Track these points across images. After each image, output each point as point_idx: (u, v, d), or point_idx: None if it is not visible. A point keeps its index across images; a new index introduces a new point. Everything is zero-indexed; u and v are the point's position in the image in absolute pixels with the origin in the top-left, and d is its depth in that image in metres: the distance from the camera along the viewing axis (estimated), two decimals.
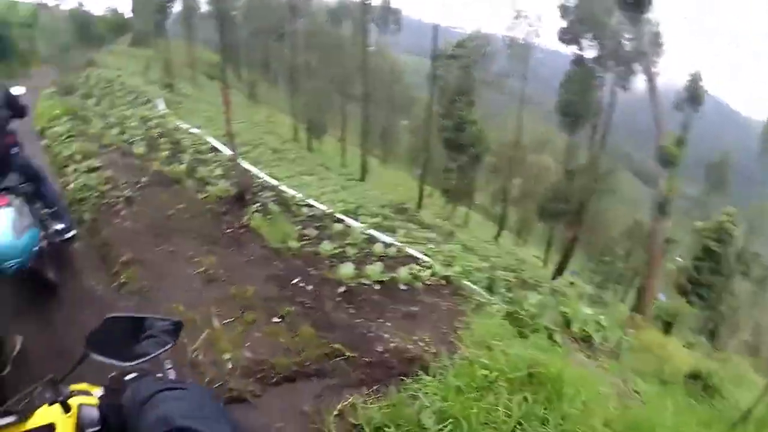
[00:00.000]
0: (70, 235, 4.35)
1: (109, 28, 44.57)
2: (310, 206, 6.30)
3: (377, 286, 4.18)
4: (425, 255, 5.48)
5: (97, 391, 1.18)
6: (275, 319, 3.59)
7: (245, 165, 8.67)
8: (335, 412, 2.79)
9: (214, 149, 8.88)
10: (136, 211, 5.22)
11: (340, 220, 5.94)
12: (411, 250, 5.41)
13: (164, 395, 0.94)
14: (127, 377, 1.13)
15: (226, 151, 8.54)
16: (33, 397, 1.18)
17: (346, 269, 4.24)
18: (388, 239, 5.77)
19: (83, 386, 1.23)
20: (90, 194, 5.55)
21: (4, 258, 2.87)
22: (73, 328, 3.60)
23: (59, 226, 4.17)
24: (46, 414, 1.09)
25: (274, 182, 7.67)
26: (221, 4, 35.71)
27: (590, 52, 28.87)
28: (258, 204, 5.53)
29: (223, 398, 2.93)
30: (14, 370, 3.15)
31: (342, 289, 4.03)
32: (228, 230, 4.88)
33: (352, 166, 32.04)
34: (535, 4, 47.01)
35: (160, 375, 1.29)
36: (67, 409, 1.08)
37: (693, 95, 28.19)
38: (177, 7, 40.46)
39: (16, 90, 4.00)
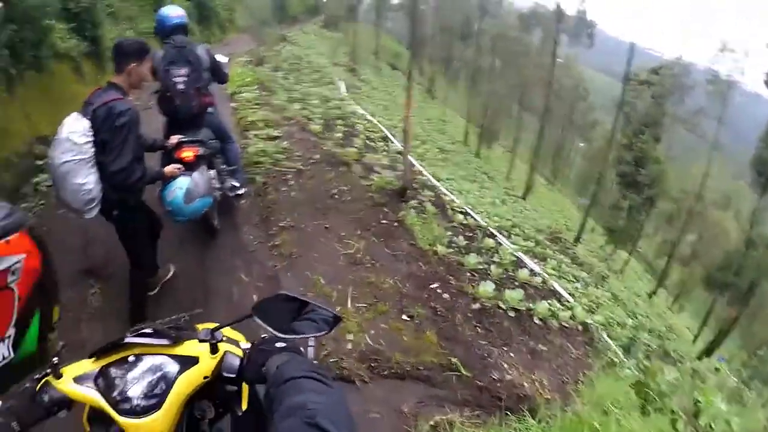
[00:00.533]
0: (241, 192, 4.94)
1: (304, 7, 48.30)
2: (466, 214, 6.22)
3: (512, 313, 4.06)
4: (570, 294, 5.17)
5: (244, 345, 1.31)
6: (404, 317, 3.68)
7: (413, 160, 8.84)
8: (431, 423, 2.83)
9: (385, 139, 9.07)
10: (303, 184, 5.64)
11: (492, 235, 5.79)
12: (556, 285, 5.13)
13: (309, 384, 0.98)
14: (277, 344, 1.19)
15: (396, 143, 8.74)
16: (186, 327, 1.36)
17: (486, 287, 4.16)
18: (535, 267, 5.50)
19: (235, 335, 1.38)
20: (265, 160, 6.11)
21: (174, 216, 3.43)
22: (220, 271, 4.19)
23: (234, 183, 4.71)
24: (194, 347, 1.26)
25: (435, 182, 7.69)
26: None
27: None
28: (416, 201, 5.61)
29: (332, 373, 3.10)
30: (161, 293, 3.78)
31: (476, 305, 3.98)
32: (383, 221, 5.03)
33: (516, 180, 30.49)
34: (744, 37, 40.89)
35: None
36: (214, 350, 1.24)
37: None
38: None
39: (221, 58, 4.52)
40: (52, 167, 2.81)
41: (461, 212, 6.16)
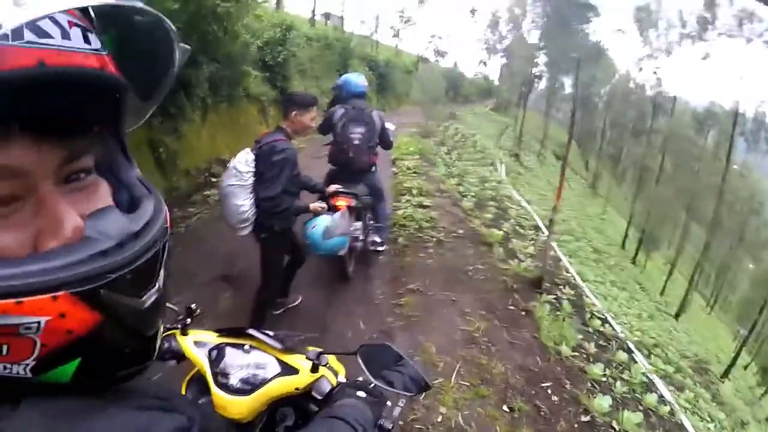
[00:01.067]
0: (381, 249, 5.25)
1: (476, 90, 50.02)
2: (605, 321, 5.79)
3: None
4: None
5: (341, 378, 1.45)
6: (505, 407, 3.51)
7: (559, 254, 8.52)
8: None
9: (536, 228, 8.84)
10: (441, 254, 5.81)
11: (628, 350, 5.31)
12: (685, 420, 4.49)
13: (337, 425, 1.00)
14: (359, 392, 1.22)
15: (546, 233, 8.54)
16: (298, 345, 1.52)
17: (603, 402, 3.77)
18: (668, 395, 4.88)
19: (339, 367, 1.51)
20: (411, 224, 6.45)
21: (311, 249, 3.91)
22: (342, 313, 4.51)
23: (376, 239, 5.04)
24: (299, 361, 1.43)
25: (580, 281, 7.33)
26: (584, 90, 35.64)
27: None
28: (553, 296, 5.42)
29: None
30: (282, 315, 4.25)
31: (586, 418, 3.64)
32: (510, 306, 4.92)
33: (671, 296, 27.39)
34: None
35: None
36: (314, 370, 1.39)
37: None
38: (543, 84, 41.82)
39: (389, 125, 4.96)
40: (221, 188, 3.46)
41: (600, 318, 5.74)
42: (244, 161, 3.32)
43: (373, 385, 1.22)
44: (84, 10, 0.45)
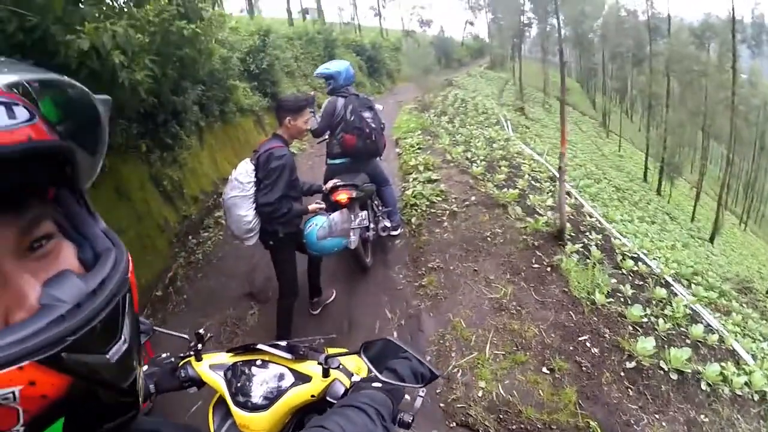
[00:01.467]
0: (395, 233, 5.26)
1: (468, 51, 49.15)
2: (638, 260, 5.63)
3: (674, 375, 3.50)
4: (752, 355, 4.35)
5: (356, 378, 1.45)
6: (544, 369, 3.46)
7: (581, 200, 8.40)
8: None
9: (553, 178, 8.71)
10: (456, 226, 5.72)
11: (666, 284, 5.13)
12: (736, 344, 4.34)
13: (349, 411, 0.98)
14: (375, 383, 1.22)
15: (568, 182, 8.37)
16: (317, 349, 1.56)
17: (646, 344, 3.64)
18: (714, 322, 4.73)
19: (357, 368, 1.54)
20: (422, 202, 6.35)
21: (308, 248, 3.87)
22: (368, 304, 4.54)
23: (387, 224, 5.02)
24: (311, 367, 1.46)
25: (606, 224, 7.15)
26: (576, 27, 34.72)
27: None
28: (579, 245, 5.27)
29: (457, 419, 3.09)
30: (323, 313, 4.37)
31: (631, 364, 3.54)
32: (535, 265, 4.82)
33: (703, 220, 26.96)
34: None
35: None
36: (325, 374, 1.42)
37: None
38: (534, 31, 41.53)
39: (378, 106, 4.94)
40: (223, 201, 3.54)
41: (632, 257, 5.57)
42: (244, 172, 3.42)
43: (379, 377, 1.22)
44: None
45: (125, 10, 4.64)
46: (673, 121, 29.78)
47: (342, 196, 4.20)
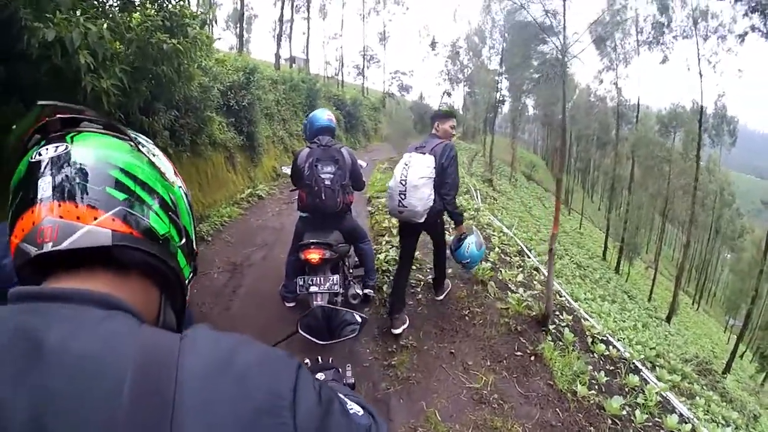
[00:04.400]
0: (370, 294, 4.87)
1: None
2: (608, 344, 5.34)
3: None
4: None
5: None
6: None
7: (555, 284, 8.04)
8: None
9: (521, 253, 8.46)
10: (431, 299, 5.29)
11: (636, 370, 4.85)
12: None
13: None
14: (319, 374, 1.33)
15: (532, 258, 8.18)
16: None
17: None
18: (685, 411, 4.47)
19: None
20: (394, 268, 5.84)
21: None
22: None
23: (359, 291, 4.62)
24: None
25: (574, 304, 6.88)
26: (546, 109, 36.16)
27: None
28: (553, 327, 4.93)
29: None
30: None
31: None
32: (518, 353, 4.41)
33: (659, 299, 27.76)
34: None
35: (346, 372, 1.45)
36: None
37: None
38: (506, 107, 42.46)
39: (361, 162, 4.64)
40: (396, 187, 4.19)
41: (602, 341, 5.28)
42: (427, 161, 4.10)
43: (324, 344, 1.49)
44: None
45: (109, 15, 4.31)
46: (634, 203, 31.13)
47: (313, 256, 3.90)
